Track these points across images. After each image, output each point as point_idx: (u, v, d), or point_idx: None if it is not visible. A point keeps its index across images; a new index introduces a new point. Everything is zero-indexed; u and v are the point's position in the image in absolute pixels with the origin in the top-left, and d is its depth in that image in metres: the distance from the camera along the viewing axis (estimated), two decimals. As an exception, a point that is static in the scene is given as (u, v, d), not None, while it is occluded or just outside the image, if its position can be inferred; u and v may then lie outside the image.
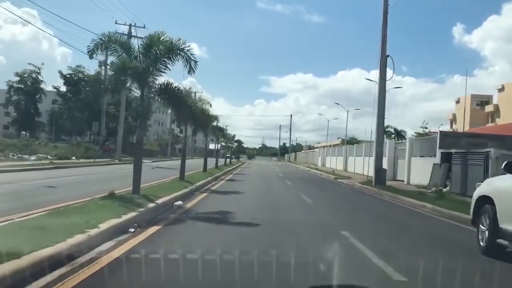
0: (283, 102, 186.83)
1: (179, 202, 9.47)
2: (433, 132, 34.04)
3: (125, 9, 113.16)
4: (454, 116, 54.23)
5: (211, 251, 4.67)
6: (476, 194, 6.52)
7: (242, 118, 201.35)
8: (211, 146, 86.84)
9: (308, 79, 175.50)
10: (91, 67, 57.26)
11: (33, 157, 25.39)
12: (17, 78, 49.96)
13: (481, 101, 51.70)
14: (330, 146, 58.73)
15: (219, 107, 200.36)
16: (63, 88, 50.83)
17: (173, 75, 66.62)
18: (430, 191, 15.94)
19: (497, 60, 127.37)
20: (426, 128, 41.23)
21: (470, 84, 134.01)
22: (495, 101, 49.54)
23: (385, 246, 6.20)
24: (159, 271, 3.96)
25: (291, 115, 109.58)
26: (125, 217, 6.54)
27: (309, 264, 4.28)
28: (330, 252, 4.81)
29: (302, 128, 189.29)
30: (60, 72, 49.86)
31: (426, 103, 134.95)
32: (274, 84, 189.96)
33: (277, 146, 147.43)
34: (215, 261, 4.23)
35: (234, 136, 50.19)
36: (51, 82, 78.27)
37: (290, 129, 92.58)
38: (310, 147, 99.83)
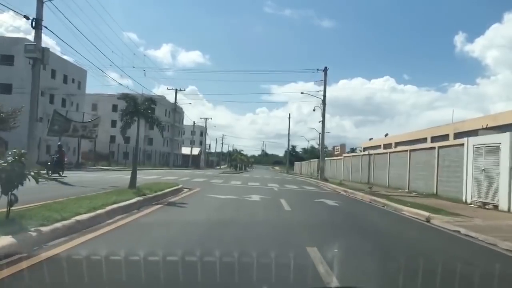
0: (284, 110, 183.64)
1: None
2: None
3: (130, 19, 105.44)
4: None
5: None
6: None
7: (244, 127, 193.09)
8: (187, 150, 66.55)
9: (309, 87, 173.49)
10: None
11: None
12: None
13: None
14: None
15: (221, 116, 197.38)
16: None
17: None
18: None
19: (500, 68, 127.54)
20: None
21: (473, 93, 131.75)
22: None
23: None
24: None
25: (325, 73, 37.94)
26: None
27: None
28: None
29: (306, 136, 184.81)
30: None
31: (429, 111, 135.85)
32: (275, 92, 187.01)
33: (280, 153, 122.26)
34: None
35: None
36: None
37: (324, 111, 38.08)
38: (342, 148, 51.29)
